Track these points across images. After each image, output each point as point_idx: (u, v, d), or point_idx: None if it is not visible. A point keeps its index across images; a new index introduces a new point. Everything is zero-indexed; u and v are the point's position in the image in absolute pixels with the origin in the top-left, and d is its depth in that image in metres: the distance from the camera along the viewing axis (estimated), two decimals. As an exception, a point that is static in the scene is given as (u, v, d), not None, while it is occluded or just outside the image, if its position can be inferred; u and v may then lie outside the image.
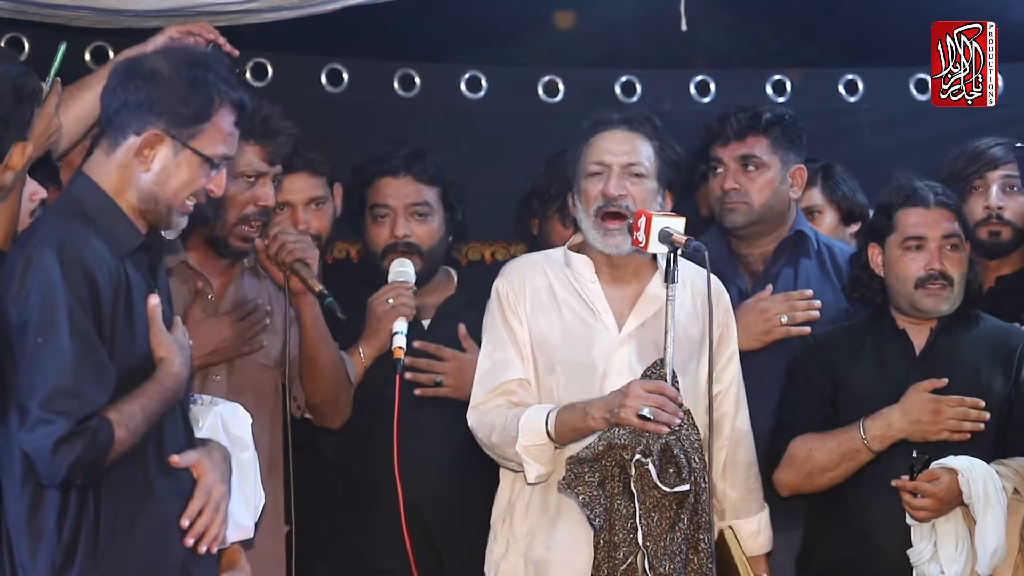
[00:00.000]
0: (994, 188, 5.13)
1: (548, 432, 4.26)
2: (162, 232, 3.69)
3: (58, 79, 3.89)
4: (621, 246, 4.41)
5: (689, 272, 4.48)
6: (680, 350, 4.31)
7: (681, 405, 4.24)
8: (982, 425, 4.55)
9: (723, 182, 5.05)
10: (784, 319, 4.88)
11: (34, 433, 3.35)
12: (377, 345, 4.83)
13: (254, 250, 4.62)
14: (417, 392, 4.83)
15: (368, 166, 5.09)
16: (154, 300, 3.54)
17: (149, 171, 3.56)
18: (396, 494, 4.54)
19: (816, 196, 5.41)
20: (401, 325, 4.74)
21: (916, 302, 4.67)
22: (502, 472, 4.50)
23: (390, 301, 4.80)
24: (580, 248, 4.52)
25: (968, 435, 4.55)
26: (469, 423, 4.43)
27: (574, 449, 4.26)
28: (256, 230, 4.56)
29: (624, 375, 4.35)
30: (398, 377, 4.62)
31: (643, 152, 4.44)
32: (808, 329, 4.89)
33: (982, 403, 4.56)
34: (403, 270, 4.88)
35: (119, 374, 3.45)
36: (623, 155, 4.43)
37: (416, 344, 4.86)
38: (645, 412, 4.11)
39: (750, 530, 4.59)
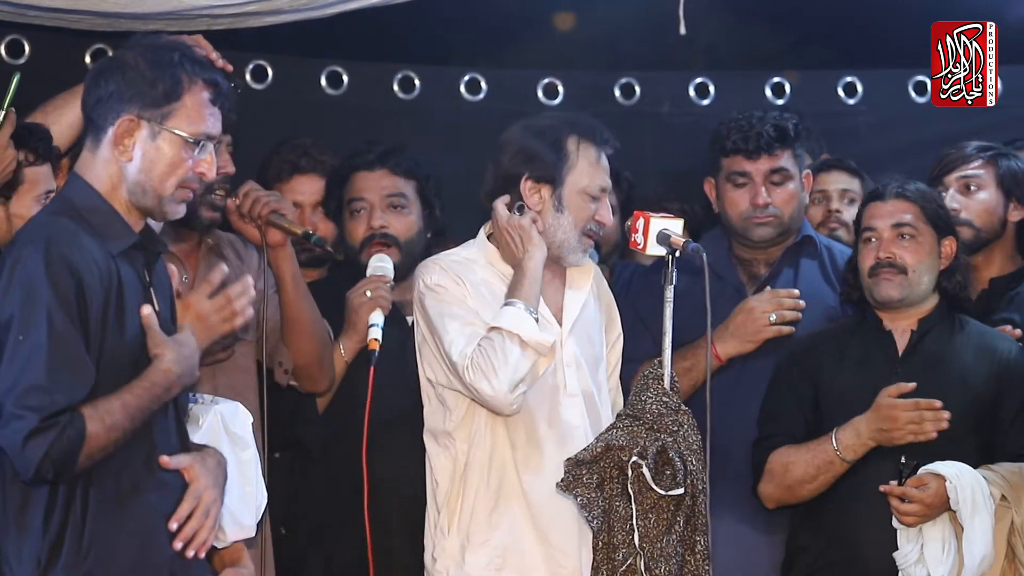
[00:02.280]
0: (951, 191, 5.14)
1: (524, 308, 4.24)
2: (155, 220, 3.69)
3: (12, 110, 3.90)
4: (587, 258, 4.50)
5: (593, 265, 4.55)
6: (591, 341, 4.42)
7: (680, 406, 4.24)
8: (945, 423, 4.52)
9: (754, 197, 5.00)
10: (773, 318, 4.86)
11: (7, 428, 3.37)
12: (356, 339, 4.81)
13: (221, 219, 4.60)
14: None
15: (344, 163, 5.11)
16: (146, 310, 3.52)
17: (132, 160, 3.56)
18: (381, 491, 4.57)
19: None
20: (378, 317, 4.73)
21: (872, 291, 4.69)
22: (437, 463, 4.42)
23: (368, 293, 4.79)
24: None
25: (934, 434, 4.52)
26: (468, 380, 4.23)
27: (572, 450, 4.26)
28: (222, 198, 4.56)
29: (572, 367, 4.40)
30: (372, 368, 4.60)
31: None
32: (793, 329, 4.87)
33: (939, 403, 4.52)
34: (381, 264, 4.88)
35: (107, 373, 3.45)
36: (610, 183, 4.46)
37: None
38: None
39: None
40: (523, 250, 4.33)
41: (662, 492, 4.14)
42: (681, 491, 4.14)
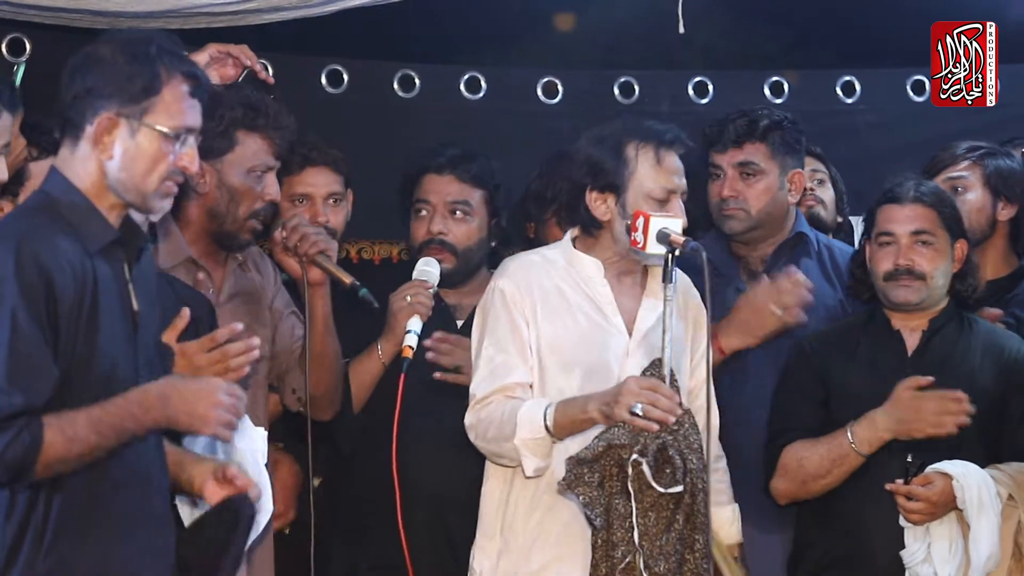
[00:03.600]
0: None
1: (546, 426, 4.25)
2: (147, 217, 3.66)
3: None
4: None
5: (682, 279, 4.51)
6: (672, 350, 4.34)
7: (680, 404, 4.22)
8: (967, 418, 4.52)
9: (721, 189, 5.04)
10: (779, 312, 4.83)
11: None
12: (395, 342, 4.79)
13: (255, 243, 4.61)
14: (436, 376, 4.80)
15: (416, 163, 5.10)
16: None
17: (112, 158, 3.49)
18: (414, 493, 4.58)
19: None
20: (415, 324, 4.74)
21: (888, 294, 4.68)
22: (492, 469, 4.46)
23: (408, 298, 4.79)
24: (586, 248, 4.49)
25: (955, 429, 4.52)
26: (466, 422, 4.39)
27: (573, 448, 4.24)
28: (261, 223, 4.57)
29: None
30: (403, 376, 4.61)
31: None
32: (804, 317, 4.84)
33: (964, 396, 4.53)
34: (427, 269, 4.87)
35: (76, 375, 3.39)
36: (683, 183, 4.42)
37: (436, 334, 4.84)
38: (637, 409, 4.10)
39: (726, 517, 4.59)
40: (591, 410, 4.20)
41: (662, 490, 4.13)
42: (680, 488, 4.13)
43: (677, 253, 4.25)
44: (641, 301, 4.46)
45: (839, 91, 6.45)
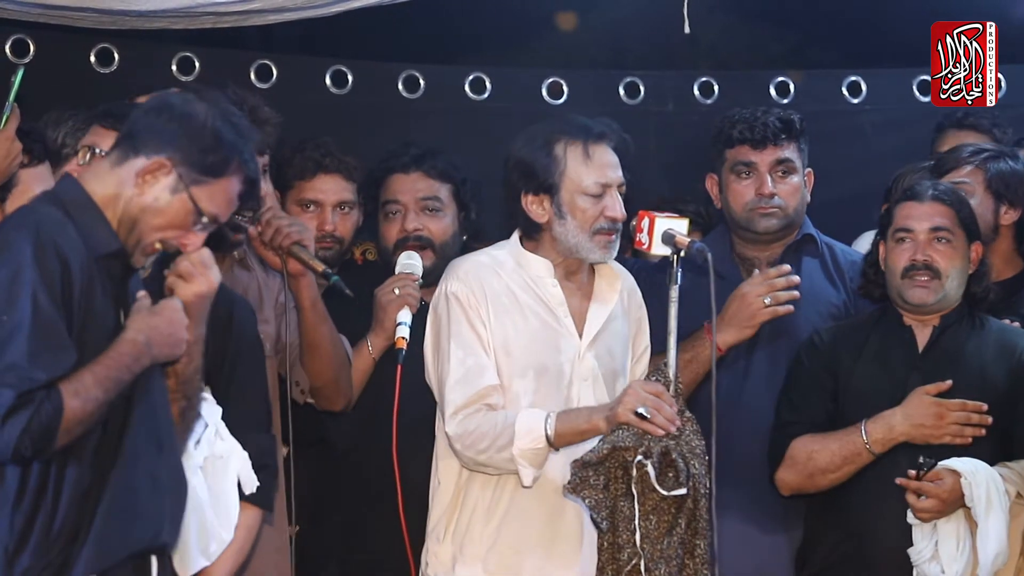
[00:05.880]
0: None
1: (547, 436, 4.24)
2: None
3: (15, 105, 3.91)
4: (613, 253, 4.43)
5: (616, 269, 4.50)
6: (611, 355, 4.37)
7: (683, 411, 4.22)
8: (984, 430, 4.54)
9: (760, 187, 5.02)
10: (767, 300, 4.81)
11: None
12: (384, 336, 4.80)
13: (246, 241, 4.59)
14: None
15: (379, 165, 5.11)
16: (140, 293, 3.57)
17: (142, 196, 3.55)
18: (406, 491, 4.55)
19: None
20: (405, 315, 4.73)
21: (903, 293, 4.68)
22: (444, 473, 4.43)
23: (396, 291, 4.79)
24: (532, 249, 4.46)
25: (970, 440, 4.54)
26: (448, 431, 4.33)
27: (577, 452, 4.24)
28: (248, 219, 4.53)
29: (588, 381, 4.37)
30: (399, 367, 4.60)
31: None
32: (791, 307, 4.78)
33: (984, 407, 4.54)
34: (410, 262, 4.89)
35: (85, 359, 3.42)
36: (617, 175, 4.39)
37: None
38: (642, 410, 4.11)
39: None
40: (596, 418, 4.22)
41: (665, 492, 4.12)
42: (684, 491, 4.12)
43: (682, 254, 4.25)
44: (590, 303, 4.45)
45: (845, 91, 6.44)
